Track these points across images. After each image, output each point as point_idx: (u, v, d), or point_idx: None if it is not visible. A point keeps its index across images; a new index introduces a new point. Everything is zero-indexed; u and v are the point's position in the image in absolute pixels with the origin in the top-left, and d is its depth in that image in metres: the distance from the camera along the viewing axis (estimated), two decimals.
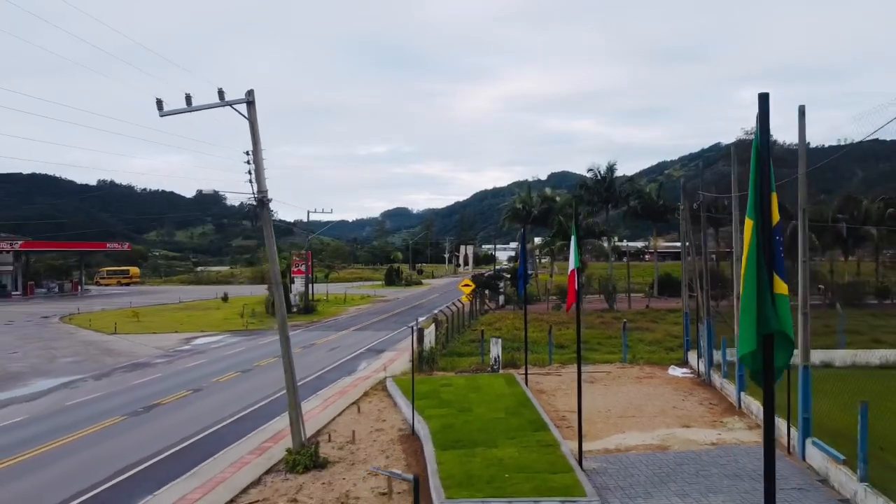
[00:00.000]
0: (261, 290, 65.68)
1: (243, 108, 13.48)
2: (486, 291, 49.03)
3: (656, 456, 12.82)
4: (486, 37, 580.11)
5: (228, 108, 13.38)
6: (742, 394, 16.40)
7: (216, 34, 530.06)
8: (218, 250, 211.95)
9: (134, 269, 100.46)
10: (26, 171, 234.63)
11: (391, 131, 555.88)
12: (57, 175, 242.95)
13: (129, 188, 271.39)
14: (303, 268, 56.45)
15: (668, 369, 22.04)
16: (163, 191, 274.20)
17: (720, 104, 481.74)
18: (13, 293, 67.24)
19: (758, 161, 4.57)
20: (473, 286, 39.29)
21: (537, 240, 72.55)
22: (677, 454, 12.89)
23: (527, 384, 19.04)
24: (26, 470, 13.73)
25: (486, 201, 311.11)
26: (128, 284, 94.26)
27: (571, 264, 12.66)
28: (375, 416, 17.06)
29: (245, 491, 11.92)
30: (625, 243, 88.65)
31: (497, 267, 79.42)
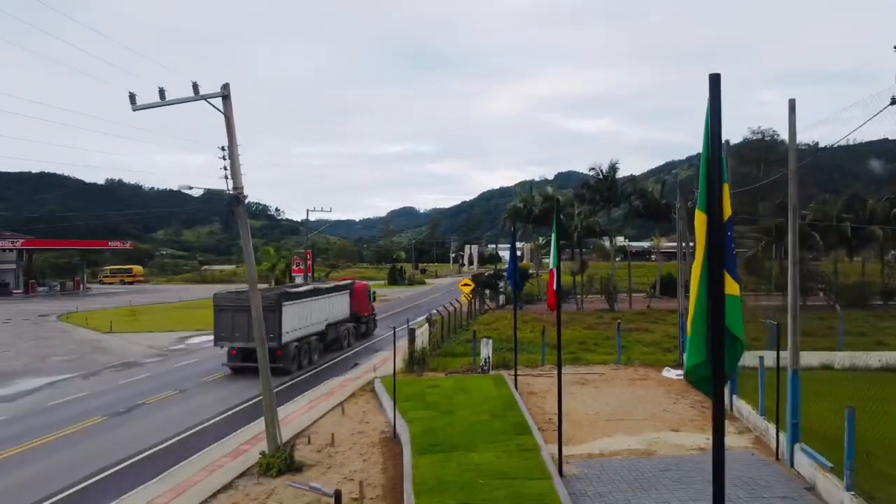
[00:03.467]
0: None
1: (219, 102, 13.16)
2: (487, 291, 48.63)
3: (640, 462, 12.40)
4: (509, 37, 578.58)
5: (204, 101, 13.05)
6: (734, 396, 15.98)
7: (236, 32, 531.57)
8: (225, 249, 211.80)
9: (137, 268, 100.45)
10: (35, 169, 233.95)
11: (406, 130, 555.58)
12: (65, 174, 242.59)
13: (137, 187, 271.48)
14: (302, 266, 56.29)
15: (662, 371, 21.61)
16: (170, 189, 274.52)
17: (736, 105, 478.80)
18: (14, 291, 67.28)
19: (709, 146, 4.18)
20: (473, 286, 38.88)
21: (542, 239, 72.07)
22: (661, 459, 12.50)
23: (516, 386, 18.63)
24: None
25: (492, 201, 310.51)
26: (131, 283, 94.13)
27: (551, 264, 12.30)
28: (360, 419, 16.70)
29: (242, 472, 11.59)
30: (626, 242, 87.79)
31: (498, 267, 78.96)
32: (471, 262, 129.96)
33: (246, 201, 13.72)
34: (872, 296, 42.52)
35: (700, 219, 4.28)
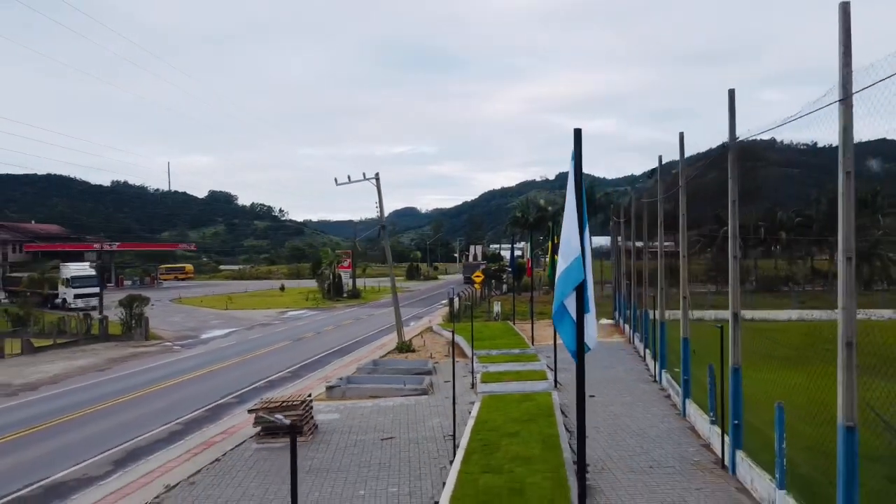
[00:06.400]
0: (306, 283, 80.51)
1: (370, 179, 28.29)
2: (493, 281, 63.62)
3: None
4: (513, 38, 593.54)
5: (367, 181, 28.12)
6: (625, 326, 31.04)
7: (240, 33, 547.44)
8: (230, 250, 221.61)
9: (188, 267, 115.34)
10: (41, 171, 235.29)
11: (409, 132, 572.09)
12: (71, 175, 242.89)
13: (142, 188, 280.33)
14: (346, 264, 71.67)
15: (600, 320, 36.69)
16: (174, 191, 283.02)
17: (736, 105, 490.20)
18: (108, 284, 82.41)
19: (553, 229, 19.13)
20: (483, 277, 54.12)
21: (541, 238, 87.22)
22: None
23: (514, 324, 33.70)
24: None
25: (493, 201, 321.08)
26: (183, 280, 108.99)
27: (527, 255, 27.39)
28: (432, 339, 31.81)
29: (387, 353, 26.71)
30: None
31: (501, 264, 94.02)
32: (475, 260, 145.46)
33: (248, 202, 29.14)
34: (779, 283, 57.62)
35: (550, 245, 19.38)
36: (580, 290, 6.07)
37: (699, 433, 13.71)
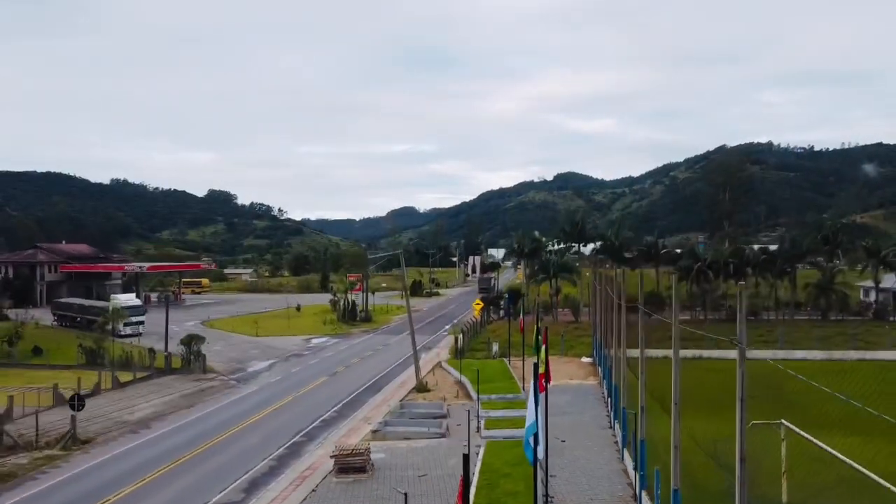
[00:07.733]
0: (318, 298, 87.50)
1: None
2: (491, 307, 70.87)
3: (555, 386, 34.78)
4: (514, 38, 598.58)
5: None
6: (598, 367, 38.24)
7: (241, 31, 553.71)
8: (231, 249, 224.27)
9: (205, 281, 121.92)
10: (40, 169, 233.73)
11: (410, 130, 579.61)
12: (70, 173, 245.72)
13: (142, 187, 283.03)
14: (358, 286, 79.04)
15: (581, 358, 43.97)
16: (174, 190, 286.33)
17: (736, 105, 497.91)
18: None
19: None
20: (482, 305, 61.44)
21: (537, 267, 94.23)
22: (559, 386, 34.82)
23: (509, 362, 40.93)
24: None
25: (491, 202, 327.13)
26: (199, 293, 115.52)
27: (521, 317, 34.62)
28: (442, 377, 39.02)
29: (408, 391, 33.89)
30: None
31: (500, 279, 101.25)
32: (474, 271, 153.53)
33: (247, 201, 36.96)
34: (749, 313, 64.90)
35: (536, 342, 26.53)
36: (536, 435, 13.22)
37: (628, 474, 20.89)
